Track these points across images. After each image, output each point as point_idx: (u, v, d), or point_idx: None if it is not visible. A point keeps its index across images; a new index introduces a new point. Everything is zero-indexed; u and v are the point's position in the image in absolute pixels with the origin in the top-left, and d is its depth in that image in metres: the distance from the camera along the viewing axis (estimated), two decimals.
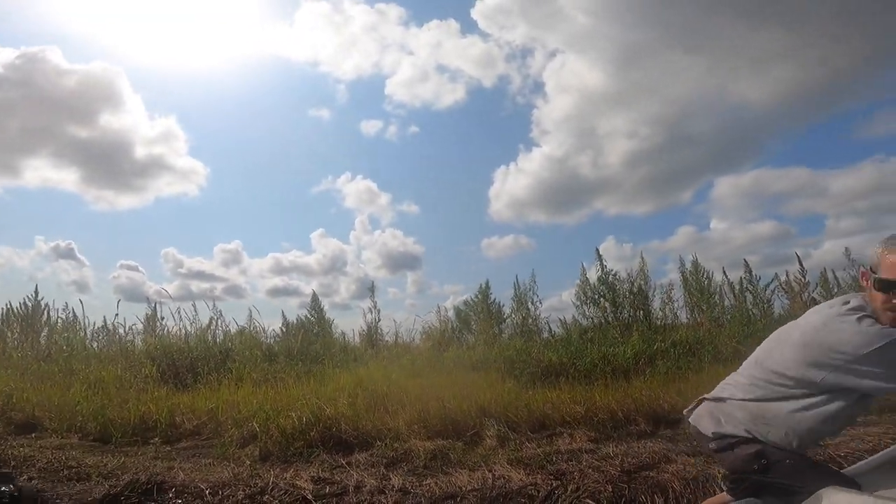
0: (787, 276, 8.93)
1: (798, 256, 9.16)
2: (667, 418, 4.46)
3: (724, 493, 1.89)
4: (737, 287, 8.92)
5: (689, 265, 9.21)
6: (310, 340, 8.68)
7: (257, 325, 8.83)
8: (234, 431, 4.13)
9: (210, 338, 8.19)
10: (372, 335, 9.14)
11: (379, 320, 8.88)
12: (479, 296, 9.69)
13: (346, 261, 16.08)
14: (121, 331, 8.50)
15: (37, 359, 6.89)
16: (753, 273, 8.97)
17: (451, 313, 9.75)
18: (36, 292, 8.55)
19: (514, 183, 17.06)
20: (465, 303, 10.07)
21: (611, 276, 8.88)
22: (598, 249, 9.34)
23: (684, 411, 1.94)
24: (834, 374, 1.48)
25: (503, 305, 9.56)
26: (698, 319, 8.60)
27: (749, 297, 8.84)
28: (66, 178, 16.52)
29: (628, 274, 9.00)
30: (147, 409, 4.50)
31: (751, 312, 8.54)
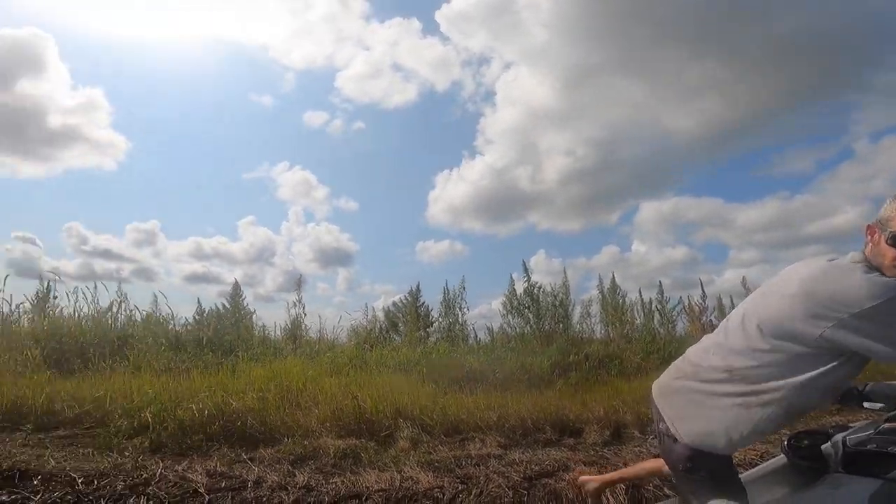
0: (689, 299, 9.81)
1: (701, 282, 10.13)
2: (571, 427, 4.67)
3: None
4: (647, 307, 9.65)
5: (608, 283, 9.84)
6: (224, 331, 8.24)
7: (165, 311, 8.23)
8: (123, 421, 3.79)
9: (109, 322, 7.49)
10: (295, 330, 8.82)
11: (305, 315, 8.57)
12: (409, 298, 9.71)
13: (275, 251, 15.41)
14: (5, 308, 7.53)
15: None
16: (665, 295, 9.77)
17: (380, 313, 9.71)
18: None
19: (454, 189, 17.28)
20: (395, 304, 10.07)
21: (535, 289, 9.27)
22: (524, 262, 9.75)
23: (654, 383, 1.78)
24: (833, 330, 1.30)
25: (432, 309, 9.64)
26: (611, 335, 9.17)
27: (657, 316, 9.59)
28: None
29: (552, 287, 9.45)
30: (22, 394, 4.00)
31: (657, 331, 9.25)
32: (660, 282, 10.23)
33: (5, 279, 8.83)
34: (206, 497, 2.59)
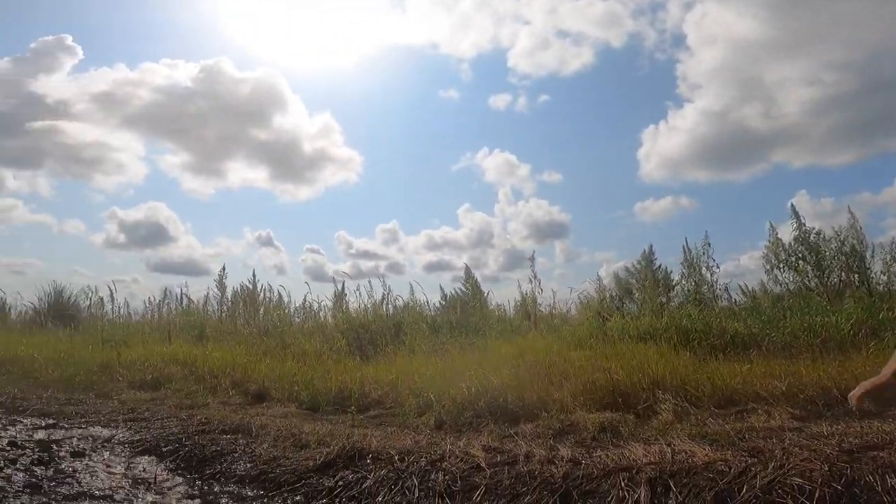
0: None
1: None
2: None
3: None
4: None
5: None
6: (468, 312, 9.09)
7: (421, 298, 9.58)
8: (412, 401, 4.56)
9: (384, 312, 9.13)
10: (528, 306, 9.16)
11: (541, 291, 8.71)
12: (642, 262, 9.03)
13: (493, 233, 16.35)
14: (314, 307, 10.03)
15: (259, 334, 8.53)
16: None
17: (607, 282, 9.31)
18: (254, 276, 10.58)
19: (665, 142, 15.43)
20: (626, 269, 9.49)
21: (812, 235, 7.43)
22: (792, 205, 7.89)
23: None
24: None
25: (671, 271, 8.71)
26: None
27: None
28: (258, 176, 19.97)
29: (836, 232, 7.43)
30: (343, 380, 5.20)
31: None
32: None
33: (308, 285, 11.75)
34: (488, 471, 2.88)
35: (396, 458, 3.11)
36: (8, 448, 3.40)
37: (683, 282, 8.40)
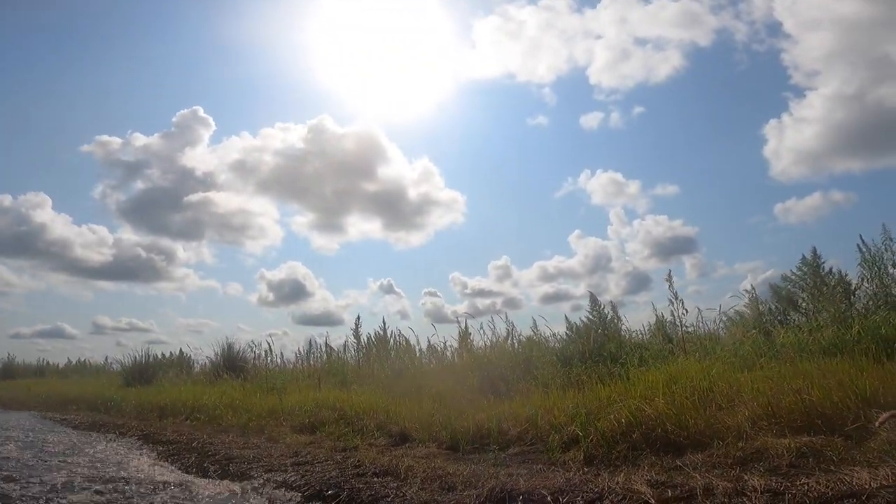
0: None
1: None
2: None
3: None
4: None
5: None
6: (601, 341, 8.46)
7: (545, 331, 9.15)
8: (555, 436, 4.26)
9: (511, 348, 8.88)
10: (667, 329, 8.26)
11: (685, 311, 7.78)
12: (803, 268, 7.68)
13: (610, 257, 15.28)
14: (440, 348, 10.11)
15: (393, 376, 8.80)
16: None
17: (757, 293, 8.09)
18: (384, 323, 11.11)
19: (796, 135, 13.56)
20: (785, 278, 8.15)
21: None
22: None
23: None
24: None
25: (846, 274, 7.25)
26: None
27: None
28: (373, 227, 21.41)
29: None
30: (480, 418, 5.06)
31: None
32: None
33: (434, 326, 11.98)
34: None
35: (549, 498, 2.87)
36: None
37: (866, 284, 6.94)
